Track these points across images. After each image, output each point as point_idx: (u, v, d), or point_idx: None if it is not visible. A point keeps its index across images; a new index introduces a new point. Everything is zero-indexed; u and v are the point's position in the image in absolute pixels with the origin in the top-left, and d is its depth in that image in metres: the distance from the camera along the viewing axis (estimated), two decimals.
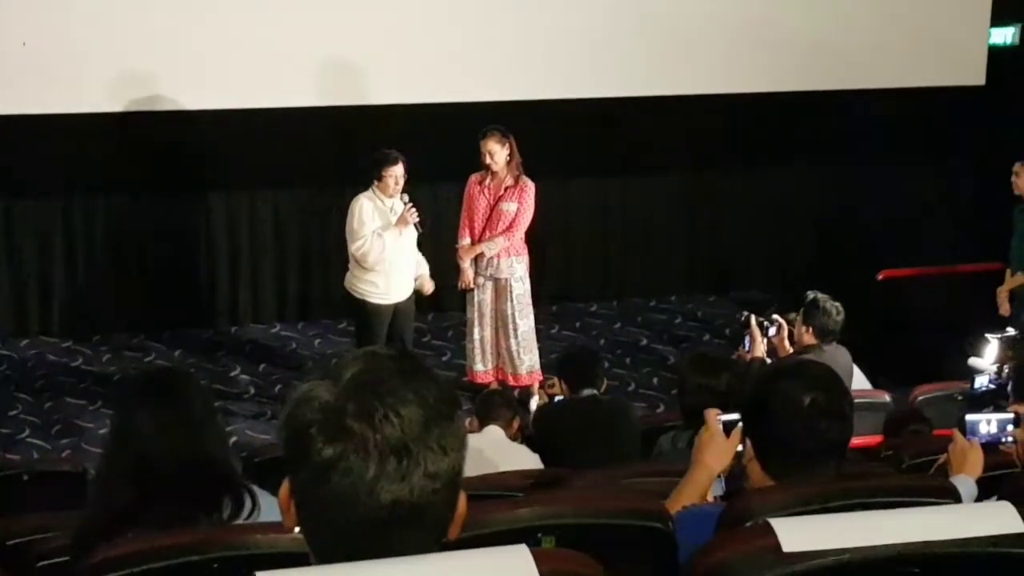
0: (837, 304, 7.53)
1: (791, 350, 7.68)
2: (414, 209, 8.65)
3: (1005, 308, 9.57)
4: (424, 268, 9.09)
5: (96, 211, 10.70)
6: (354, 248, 8.68)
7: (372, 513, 1.87)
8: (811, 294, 7.63)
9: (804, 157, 11.76)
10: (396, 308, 8.90)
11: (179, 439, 3.41)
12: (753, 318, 7.78)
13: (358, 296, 8.86)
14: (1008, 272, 9.69)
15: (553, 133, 10.43)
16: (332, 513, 1.89)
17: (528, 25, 10.44)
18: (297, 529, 1.99)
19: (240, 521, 3.35)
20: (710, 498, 3.72)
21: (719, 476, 3.80)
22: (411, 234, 8.80)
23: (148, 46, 9.54)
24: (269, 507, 3.43)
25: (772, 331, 7.74)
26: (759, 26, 10.97)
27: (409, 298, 8.98)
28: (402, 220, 8.64)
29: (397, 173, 8.62)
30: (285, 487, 1.98)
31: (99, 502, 3.49)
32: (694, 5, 10.84)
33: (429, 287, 9.14)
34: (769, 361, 7.52)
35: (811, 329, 7.50)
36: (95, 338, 10.57)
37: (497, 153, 8.84)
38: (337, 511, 1.88)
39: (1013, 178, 9.47)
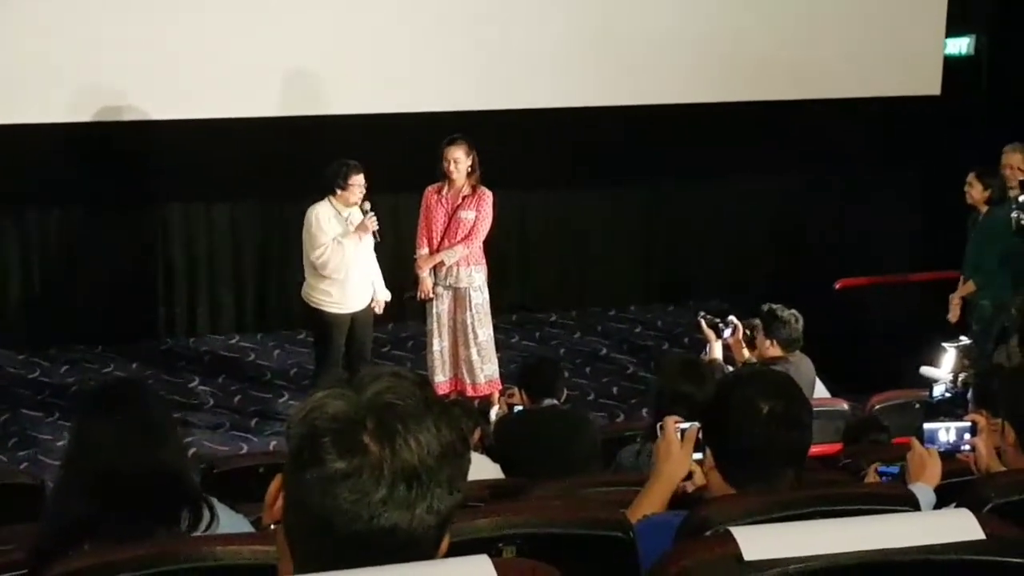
0: (794, 312, 7.55)
1: (747, 351, 7.70)
2: (375, 217, 8.66)
3: (955, 314, 9.67)
4: (380, 292, 9.07)
5: (51, 222, 10.65)
6: (315, 256, 8.66)
7: (368, 534, 1.86)
8: (766, 307, 7.64)
9: (762, 167, 11.80)
10: (354, 317, 8.89)
11: (137, 450, 3.39)
12: (703, 321, 7.79)
13: (315, 306, 8.85)
14: (961, 280, 9.77)
15: (512, 144, 10.42)
16: (327, 524, 1.87)
17: (487, 36, 10.45)
18: (272, 525, 1.98)
19: (198, 534, 3.33)
20: None
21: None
22: (368, 244, 8.80)
23: (103, 57, 9.51)
24: (227, 519, 3.42)
25: (727, 332, 7.75)
26: (716, 37, 11.02)
27: (367, 307, 8.98)
28: (362, 227, 8.64)
29: (361, 182, 8.63)
30: (277, 482, 1.97)
31: (56, 514, 3.46)
32: (654, 16, 10.88)
33: (379, 308, 9.12)
34: (723, 363, 7.55)
35: (774, 341, 7.52)
36: (52, 350, 10.51)
37: (461, 161, 8.83)
38: (333, 524, 1.87)
39: (967, 188, 9.54)
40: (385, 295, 9.10)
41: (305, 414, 1.91)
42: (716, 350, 7.67)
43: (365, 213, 8.68)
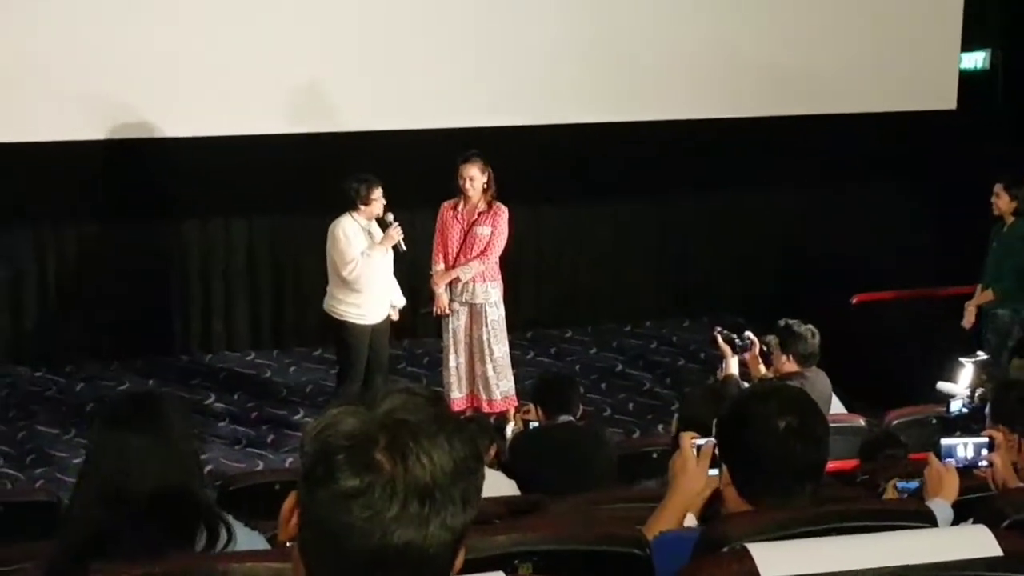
0: (810, 327, 7.54)
1: (763, 367, 7.68)
2: (399, 227, 8.72)
3: (969, 320, 9.69)
4: (397, 299, 9.13)
5: (69, 239, 10.66)
6: (347, 272, 8.69)
7: (382, 552, 1.85)
8: (783, 322, 7.63)
9: (777, 181, 11.80)
10: (373, 328, 8.95)
11: (153, 466, 3.36)
12: (719, 336, 7.77)
13: (339, 318, 8.88)
14: (979, 288, 9.78)
15: (526, 160, 10.42)
16: (340, 542, 1.86)
17: (500, 53, 10.46)
18: (288, 543, 1.98)
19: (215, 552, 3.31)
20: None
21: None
22: (389, 255, 8.85)
23: (121, 74, 9.52)
24: (244, 536, 3.40)
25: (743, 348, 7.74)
26: (730, 51, 11.02)
27: (386, 319, 9.04)
28: (388, 238, 8.70)
29: (381, 194, 8.74)
30: (292, 499, 1.97)
31: (72, 531, 3.45)
32: (665, 31, 10.88)
33: (395, 314, 9.21)
34: (739, 378, 7.53)
35: (791, 356, 7.51)
36: (68, 367, 10.51)
37: (476, 179, 8.86)
38: (347, 542, 1.86)
39: (993, 198, 9.57)
40: (401, 301, 9.18)
41: (318, 431, 1.91)
42: (732, 366, 7.65)
43: (389, 224, 8.73)
